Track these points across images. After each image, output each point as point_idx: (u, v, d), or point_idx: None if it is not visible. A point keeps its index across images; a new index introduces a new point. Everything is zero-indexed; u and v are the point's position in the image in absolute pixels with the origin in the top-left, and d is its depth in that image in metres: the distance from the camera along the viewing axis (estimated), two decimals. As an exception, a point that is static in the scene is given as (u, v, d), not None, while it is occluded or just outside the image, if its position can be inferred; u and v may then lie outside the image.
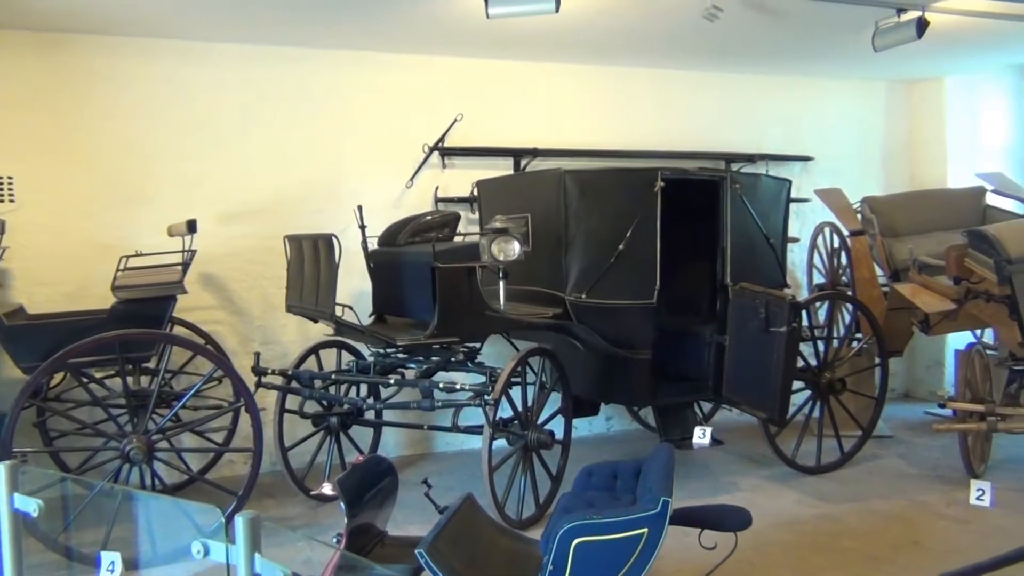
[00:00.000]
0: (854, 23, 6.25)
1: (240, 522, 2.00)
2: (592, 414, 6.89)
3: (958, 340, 7.58)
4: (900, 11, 5.92)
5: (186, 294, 5.57)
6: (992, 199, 7.48)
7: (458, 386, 5.18)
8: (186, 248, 5.63)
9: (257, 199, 6.65)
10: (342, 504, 3.54)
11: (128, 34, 6.23)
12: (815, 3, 5.63)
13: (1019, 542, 4.03)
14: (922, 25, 5.85)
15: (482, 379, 5.34)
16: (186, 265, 5.58)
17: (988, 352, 6.43)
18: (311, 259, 5.52)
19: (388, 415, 6.49)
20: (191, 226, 5.60)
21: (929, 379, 8.64)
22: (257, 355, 5.88)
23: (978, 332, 7.52)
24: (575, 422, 6.80)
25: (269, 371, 5.83)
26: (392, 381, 5.57)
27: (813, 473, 6.27)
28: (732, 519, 3.54)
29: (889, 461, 6.67)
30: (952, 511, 5.47)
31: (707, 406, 7.51)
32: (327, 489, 4.44)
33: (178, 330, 6.11)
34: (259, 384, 5.78)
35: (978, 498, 5.37)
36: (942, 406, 6.13)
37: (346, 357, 6.31)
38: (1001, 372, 6.23)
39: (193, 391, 5.33)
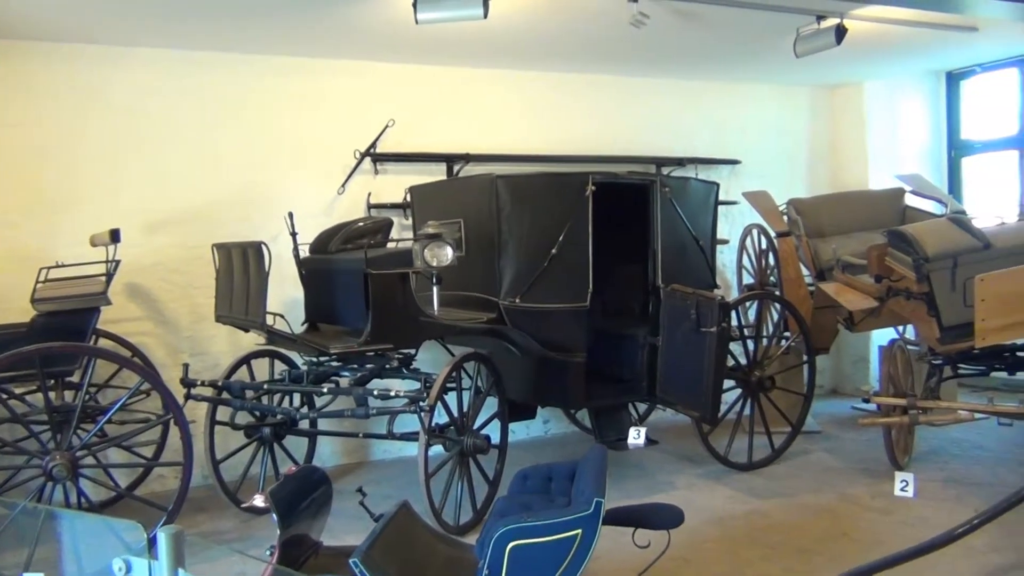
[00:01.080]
0: (776, 30, 6.42)
1: (162, 537, 1.95)
2: (529, 418, 6.92)
3: (882, 337, 7.83)
4: (820, 18, 6.11)
5: (110, 305, 5.43)
6: (911, 200, 7.73)
7: (393, 393, 5.15)
8: (110, 258, 5.48)
9: (183, 207, 6.51)
10: (274, 516, 3.48)
11: (45, 39, 6.04)
12: (738, 10, 5.76)
13: (939, 530, 4.19)
14: (841, 32, 6.04)
15: (417, 386, 5.31)
16: (110, 276, 5.44)
17: (909, 348, 6.64)
18: (240, 268, 5.43)
19: (323, 424, 6.42)
20: (114, 235, 5.46)
21: (855, 375, 8.90)
22: (186, 366, 5.76)
23: (900, 328, 7.78)
24: (512, 426, 6.82)
25: (199, 382, 5.71)
26: (326, 390, 5.52)
27: (745, 470, 6.40)
28: (664, 517, 3.58)
29: (818, 456, 6.84)
30: (877, 503, 5.63)
31: (643, 407, 7.61)
32: (258, 501, 4.36)
33: (103, 343, 5.95)
34: (188, 396, 5.65)
35: (902, 489, 5.55)
36: (867, 401, 6.31)
37: (279, 366, 6.22)
38: (922, 367, 6.44)
39: (118, 405, 5.18)
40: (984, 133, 8.91)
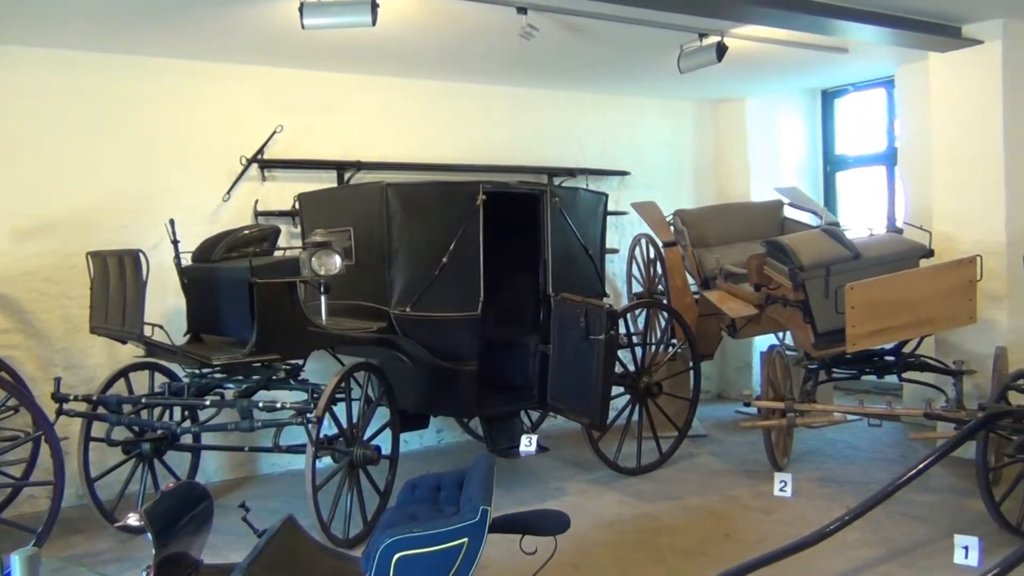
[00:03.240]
0: (661, 46, 6.60)
1: (16, 561, 1.85)
2: (422, 427, 6.89)
3: (764, 343, 8.13)
4: (702, 36, 6.32)
5: (-27, 317, 5.12)
6: (789, 211, 8.06)
7: (279, 405, 5.03)
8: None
9: (56, 213, 6.20)
10: (148, 535, 3.35)
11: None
12: (623, 26, 5.90)
13: (815, 528, 4.37)
14: (721, 49, 6.27)
15: (305, 397, 5.21)
16: (-27, 286, 5.13)
17: (788, 353, 6.93)
18: (117, 277, 5.21)
19: (207, 438, 6.22)
20: (-22, 243, 5.16)
21: (739, 380, 9.20)
22: (58, 380, 5.46)
23: (780, 335, 8.09)
24: (405, 436, 6.79)
25: (71, 397, 5.44)
26: (208, 402, 5.34)
27: (634, 474, 6.52)
28: (550, 523, 3.61)
29: (703, 459, 7.04)
30: (758, 503, 5.84)
31: (536, 414, 7.67)
32: (132, 520, 4.17)
33: (-35, 357, 5.60)
34: (60, 412, 5.37)
35: (781, 489, 5.78)
36: (747, 405, 6.55)
37: (160, 379, 5.99)
38: (799, 371, 6.72)
39: (-19, 423, 4.89)
40: (856, 149, 9.39)
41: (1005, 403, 5.14)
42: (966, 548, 4.27)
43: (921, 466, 4.56)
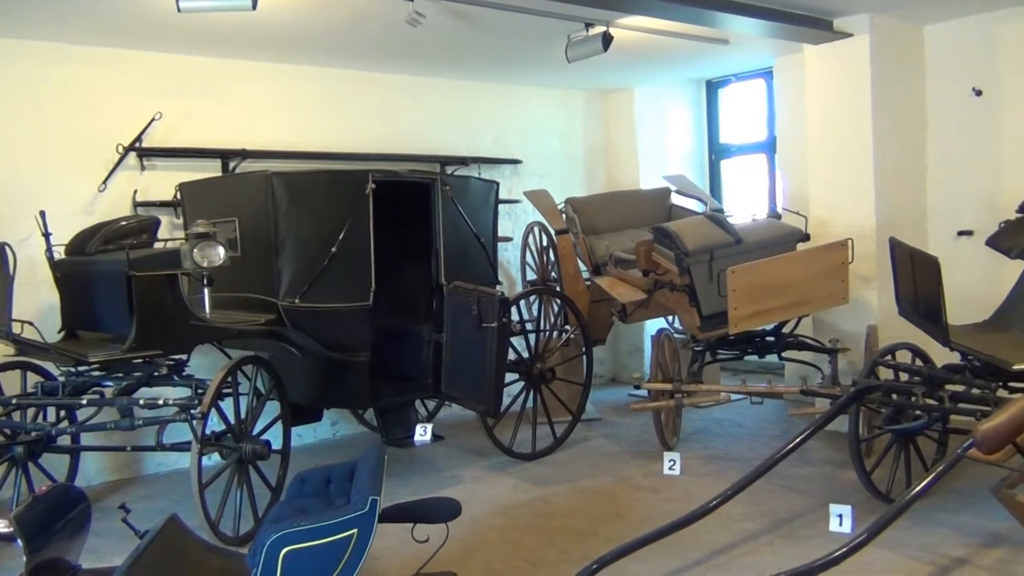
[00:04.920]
0: (548, 35, 6.65)
1: None
2: (315, 420, 6.79)
3: (655, 327, 8.33)
4: (588, 26, 6.40)
5: None
6: (676, 199, 8.28)
7: (161, 402, 4.87)
8: None
9: (-88, 205, 5.82)
10: (17, 541, 3.20)
11: None
12: (509, 14, 5.92)
13: (701, 503, 4.53)
14: (607, 39, 6.36)
15: (190, 393, 5.06)
16: None
17: (676, 336, 7.13)
18: (-19, 272, 4.93)
19: (87, 439, 5.96)
20: None
21: (631, 364, 9.41)
22: (-81, 383, 5.15)
23: (670, 318, 8.31)
24: (299, 430, 6.68)
25: (-68, 401, 5.13)
26: (85, 401, 5.12)
27: (529, 459, 6.60)
28: (441, 511, 3.63)
29: (597, 442, 7.18)
30: (648, 482, 6.00)
31: (432, 404, 7.66)
32: (1, 526, 3.97)
33: None
34: (-82, 416, 5.07)
35: (670, 468, 5.97)
36: (638, 387, 6.71)
37: (35, 379, 5.69)
38: (687, 353, 6.94)
39: None
40: (739, 138, 9.72)
41: (874, 378, 5.43)
42: (840, 516, 4.51)
43: (797, 440, 4.78)
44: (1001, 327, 5.41)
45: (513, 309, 6.38)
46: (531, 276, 8.68)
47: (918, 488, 3.99)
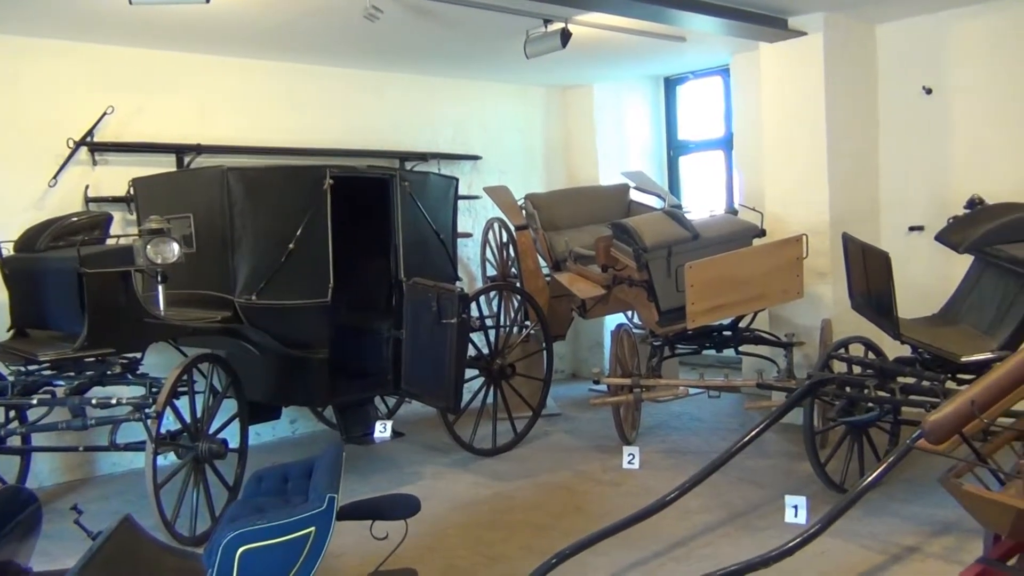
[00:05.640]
0: (507, 31, 6.66)
1: None
2: (274, 418, 6.72)
3: (614, 322, 8.39)
4: (547, 22, 6.41)
5: None
6: (635, 195, 8.34)
7: (114, 401, 4.79)
8: None
9: None
10: (-36, 545, 3.13)
11: None
12: (467, 9, 5.90)
13: (660, 496, 4.57)
14: (566, 35, 6.38)
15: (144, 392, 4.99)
16: None
17: (635, 331, 7.19)
18: (-74, 269, 4.81)
19: (38, 439, 5.83)
20: None
21: (591, 359, 9.46)
22: None
23: (628, 314, 8.37)
24: (257, 428, 6.62)
25: None
26: (36, 401, 5.02)
27: (490, 455, 6.61)
28: (400, 508, 3.61)
29: (557, 437, 7.21)
30: (608, 476, 6.04)
31: (393, 400, 7.63)
32: (-51, 530, 3.88)
33: None
34: None
35: (629, 462, 6.02)
36: (597, 382, 6.75)
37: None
38: (646, 348, 6.99)
39: None
40: (697, 134, 9.81)
41: (828, 371, 5.52)
42: (795, 507, 4.58)
43: (752, 434, 4.85)
44: (950, 320, 5.53)
45: (473, 305, 6.38)
46: (491, 272, 8.68)
47: (869, 479, 4.07)
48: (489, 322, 7.06)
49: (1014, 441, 3.00)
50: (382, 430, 6.01)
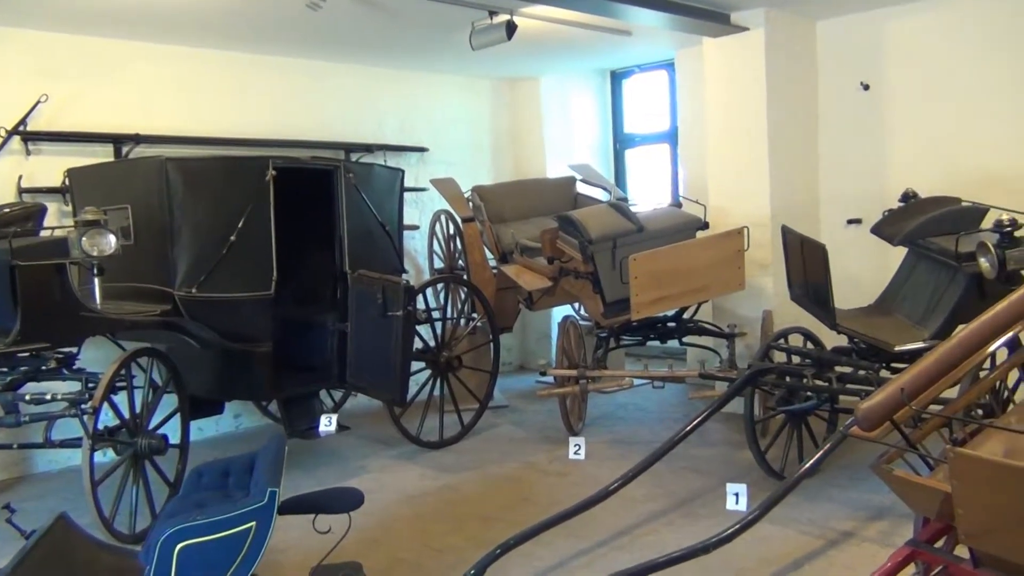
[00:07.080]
0: (453, 22, 6.62)
1: None
2: (216, 413, 6.61)
3: (561, 314, 8.43)
4: (492, 14, 6.40)
5: None
6: (582, 187, 8.38)
7: (49, 397, 4.67)
8: None
9: None
10: None
11: None
12: (414, 0, 5.88)
13: (603, 485, 4.62)
14: (511, 28, 6.38)
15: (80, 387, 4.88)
16: None
17: (582, 323, 7.24)
18: None
19: (-31, 437, 5.67)
20: None
21: (539, 351, 9.49)
22: None
23: (576, 305, 8.42)
24: (201, 423, 6.52)
25: None
26: (-36, 398, 4.88)
27: (437, 448, 6.60)
28: (342, 501, 3.59)
29: (504, 429, 7.24)
30: (554, 467, 6.08)
31: (338, 394, 7.57)
32: None
33: None
34: None
35: (575, 453, 6.04)
36: (544, 374, 6.79)
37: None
38: (592, 340, 7.04)
39: None
40: (642, 128, 9.89)
41: (768, 361, 5.63)
42: (736, 495, 4.65)
43: (694, 423, 4.94)
44: (884, 311, 5.67)
45: (419, 297, 6.36)
46: (438, 264, 8.66)
47: (805, 467, 4.18)
48: (436, 314, 7.05)
49: (942, 427, 3.09)
50: (327, 424, 5.95)
